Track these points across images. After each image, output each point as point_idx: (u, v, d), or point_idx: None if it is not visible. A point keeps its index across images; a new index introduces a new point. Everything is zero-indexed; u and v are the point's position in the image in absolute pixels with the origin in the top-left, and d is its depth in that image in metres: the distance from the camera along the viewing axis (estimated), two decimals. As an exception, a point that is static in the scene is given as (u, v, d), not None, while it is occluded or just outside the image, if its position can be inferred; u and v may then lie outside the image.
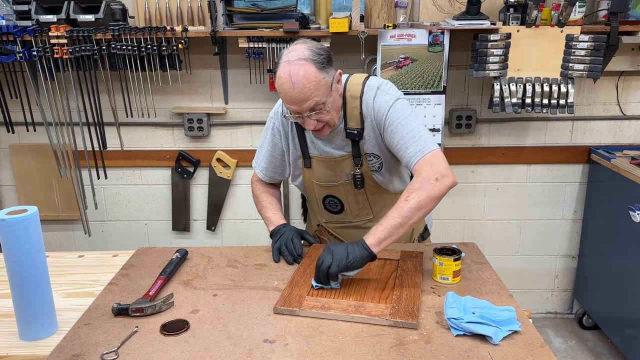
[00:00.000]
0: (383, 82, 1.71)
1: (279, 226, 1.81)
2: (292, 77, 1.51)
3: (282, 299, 1.43)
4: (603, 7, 2.61)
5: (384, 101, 1.65)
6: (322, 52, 1.56)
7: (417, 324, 1.33)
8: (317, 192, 1.86)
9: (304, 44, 1.57)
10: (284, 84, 1.53)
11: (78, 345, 1.28)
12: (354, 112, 1.67)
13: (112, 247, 3.16)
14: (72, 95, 2.81)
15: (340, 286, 1.50)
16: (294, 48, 1.56)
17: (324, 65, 1.55)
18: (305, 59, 1.52)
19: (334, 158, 1.75)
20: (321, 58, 1.54)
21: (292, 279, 1.55)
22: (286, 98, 1.56)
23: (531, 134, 2.97)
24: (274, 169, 1.88)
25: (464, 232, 3.12)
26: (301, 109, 1.56)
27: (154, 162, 3.05)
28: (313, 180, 1.82)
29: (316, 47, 1.56)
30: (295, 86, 1.51)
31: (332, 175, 1.79)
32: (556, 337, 3.07)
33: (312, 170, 1.80)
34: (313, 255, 1.70)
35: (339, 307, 1.39)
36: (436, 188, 1.51)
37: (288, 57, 1.54)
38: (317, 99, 1.54)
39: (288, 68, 1.52)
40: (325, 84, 1.55)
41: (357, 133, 1.69)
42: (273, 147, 1.84)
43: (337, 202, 1.85)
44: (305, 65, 1.51)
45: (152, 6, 2.72)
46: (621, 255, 2.69)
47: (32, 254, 1.33)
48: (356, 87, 1.68)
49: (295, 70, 1.51)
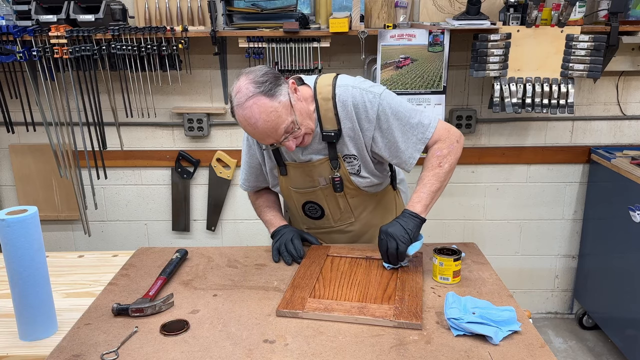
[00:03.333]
0: (353, 79, 1.68)
1: (280, 227, 1.80)
2: (249, 119, 1.49)
3: (284, 301, 1.42)
4: (603, 7, 2.61)
5: (368, 101, 1.61)
6: (265, 77, 1.51)
7: (421, 324, 1.33)
8: (295, 199, 1.82)
9: (245, 78, 1.51)
10: (246, 127, 1.52)
11: (78, 346, 1.28)
12: (329, 114, 1.63)
13: (112, 247, 3.16)
14: (72, 95, 2.81)
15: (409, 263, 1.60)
16: (238, 88, 1.51)
17: (273, 90, 1.50)
18: (253, 95, 1.47)
19: (311, 163, 1.71)
20: (267, 85, 1.49)
21: (293, 280, 1.54)
22: (256, 136, 1.55)
23: (531, 134, 2.97)
24: (254, 178, 1.86)
25: (464, 232, 3.12)
26: (274, 139, 1.54)
27: (154, 162, 3.05)
28: (290, 188, 1.79)
29: (258, 76, 1.51)
30: (257, 125, 1.49)
31: (310, 181, 1.75)
32: (556, 337, 3.07)
33: (288, 177, 1.77)
34: (313, 256, 1.69)
35: (342, 309, 1.38)
36: (459, 149, 1.68)
37: (238, 101, 1.49)
38: (284, 124, 1.52)
39: (242, 112, 1.49)
40: (283, 106, 1.51)
41: (334, 135, 1.65)
42: (250, 157, 1.82)
43: (317, 207, 1.82)
44: (257, 101, 1.47)
45: (152, 6, 2.72)
46: (621, 255, 2.69)
47: (32, 254, 1.33)
48: (327, 88, 1.64)
49: (250, 112, 1.48)
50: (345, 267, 1.63)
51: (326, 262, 1.66)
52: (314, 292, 1.48)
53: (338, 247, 1.78)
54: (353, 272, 1.60)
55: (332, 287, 1.51)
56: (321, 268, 1.62)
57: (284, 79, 1.56)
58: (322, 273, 1.59)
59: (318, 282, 1.53)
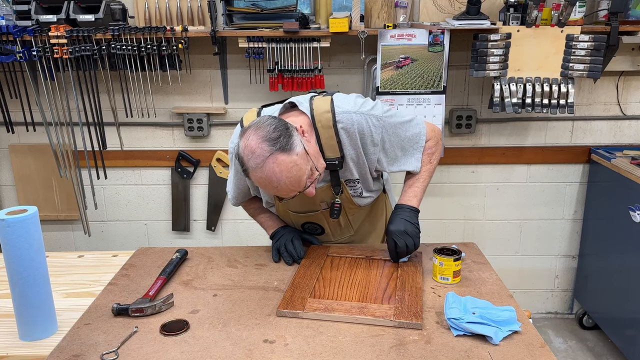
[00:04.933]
0: (352, 102, 1.60)
1: (279, 228, 1.79)
2: (272, 181, 1.40)
3: (285, 301, 1.42)
4: (603, 7, 2.61)
5: (373, 125, 1.58)
6: (277, 131, 1.40)
7: (421, 324, 1.33)
8: (294, 220, 1.79)
9: (255, 137, 1.39)
10: (267, 188, 1.44)
11: (78, 346, 1.28)
12: (330, 142, 1.57)
13: (112, 247, 3.16)
14: (72, 95, 2.81)
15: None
16: (251, 149, 1.39)
17: (289, 144, 1.40)
18: (271, 154, 1.37)
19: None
20: (282, 141, 1.39)
21: (292, 280, 1.54)
22: (279, 195, 1.51)
23: (531, 134, 2.97)
24: (242, 197, 1.82)
25: (464, 232, 3.12)
26: (299, 190, 1.47)
27: (154, 162, 3.05)
28: (289, 210, 1.74)
29: (269, 132, 1.39)
30: (280, 184, 1.41)
31: (311, 205, 1.70)
32: (556, 337, 3.07)
33: (286, 201, 1.70)
34: (313, 256, 1.69)
35: (342, 309, 1.38)
36: (441, 146, 1.79)
37: (254, 163, 1.39)
38: (305, 175, 1.44)
39: (262, 175, 1.39)
40: (301, 157, 1.42)
41: (338, 163, 1.59)
42: (239, 180, 1.74)
43: (316, 226, 1.79)
44: (275, 160, 1.38)
45: (152, 6, 2.72)
46: (621, 255, 2.69)
47: (32, 254, 1.33)
48: (325, 115, 1.55)
49: (271, 173, 1.38)
50: (345, 267, 1.64)
51: (326, 262, 1.66)
52: (314, 292, 1.48)
53: (338, 247, 1.78)
54: (353, 272, 1.60)
55: (332, 287, 1.51)
56: (321, 268, 1.62)
57: (292, 127, 1.46)
58: (322, 273, 1.59)
59: (318, 282, 1.53)
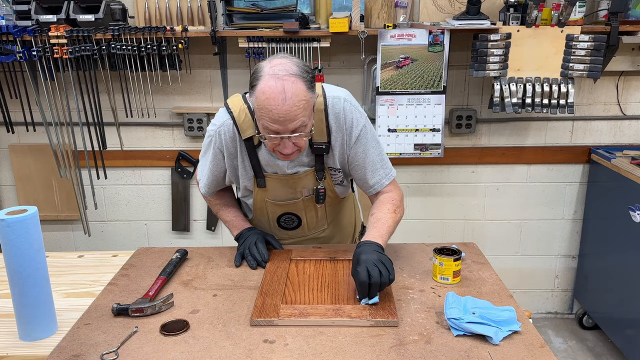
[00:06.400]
0: (343, 91, 1.63)
1: (243, 230, 1.76)
2: (282, 92, 1.37)
3: (257, 309, 1.38)
4: (603, 7, 2.61)
5: (356, 119, 1.59)
6: (309, 69, 1.45)
7: (397, 321, 1.33)
8: (271, 211, 1.76)
9: (288, 59, 1.43)
10: (272, 99, 1.38)
11: (78, 346, 1.28)
12: (320, 126, 1.57)
13: (112, 247, 3.16)
14: (72, 95, 2.81)
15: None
16: (278, 62, 1.42)
17: (312, 85, 1.44)
18: (295, 75, 1.40)
19: (296, 175, 1.65)
20: (309, 76, 1.43)
21: (261, 288, 1.50)
22: (271, 115, 1.40)
23: (531, 134, 2.97)
24: (216, 185, 1.77)
25: (464, 232, 3.12)
26: (284, 130, 1.42)
27: (154, 162, 3.05)
28: (267, 199, 1.72)
29: (302, 63, 1.45)
30: (286, 103, 1.38)
31: (292, 193, 1.69)
32: (556, 337, 3.07)
33: (266, 190, 1.68)
34: (276, 261, 1.66)
35: (317, 313, 1.37)
36: (403, 210, 1.69)
37: (275, 71, 1.39)
38: (304, 119, 1.42)
39: (278, 83, 1.38)
40: (311, 104, 1.45)
41: (325, 147, 1.60)
42: (215, 166, 1.70)
43: (294, 218, 1.76)
44: (296, 81, 1.39)
45: (152, 6, 2.72)
46: (621, 255, 2.69)
47: (32, 254, 1.33)
48: (319, 99, 1.57)
49: (287, 86, 1.37)
50: (311, 269, 1.62)
51: (291, 266, 1.64)
52: (284, 298, 1.45)
53: (300, 250, 1.76)
54: (320, 274, 1.59)
55: (302, 291, 1.49)
56: (287, 273, 1.59)
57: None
58: (289, 278, 1.57)
59: (287, 288, 1.51)
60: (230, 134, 1.61)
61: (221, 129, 1.62)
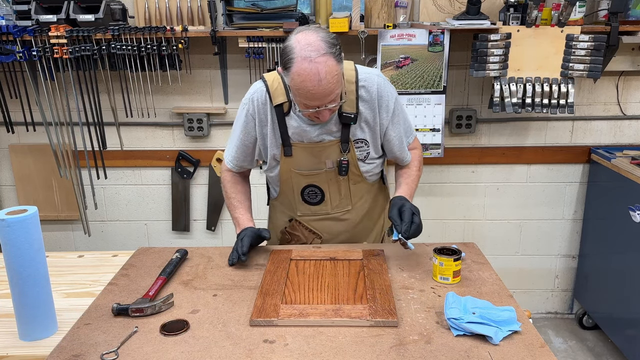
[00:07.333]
0: (374, 69, 1.77)
1: (243, 229, 1.76)
2: (317, 74, 1.46)
3: (257, 310, 1.38)
4: (603, 7, 2.61)
5: (390, 93, 1.73)
6: (335, 40, 1.52)
7: (397, 321, 1.33)
8: (295, 183, 1.80)
9: (315, 34, 1.50)
10: (308, 81, 1.47)
11: (78, 346, 1.28)
12: (350, 96, 1.67)
13: (112, 247, 3.16)
14: (72, 95, 2.81)
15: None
16: (308, 40, 1.48)
17: (339, 56, 1.52)
18: (326, 54, 1.47)
19: (321, 144, 1.72)
20: (336, 49, 1.51)
21: (261, 288, 1.50)
22: (308, 95, 1.51)
23: (531, 134, 2.97)
24: (243, 157, 1.83)
25: (464, 232, 3.12)
26: (321, 104, 1.53)
27: (154, 162, 3.05)
28: (293, 170, 1.77)
29: (329, 37, 1.51)
30: (322, 83, 1.47)
31: (317, 163, 1.75)
32: (556, 337, 3.07)
33: (292, 158, 1.74)
34: (276, 261, 1.66)
35: (317, 313, 1.37)
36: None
37: (306, 53, 1.47)
38: (338, 91, 1.54)
39: (310, 66, 1.46)
40: (341, 73, 1.55)
41: (353, 117, 1.68)
42: (246, 135, 1.77)
43: (317, 192, 1.81)
44: (328, 60, 1.47)
45: (152, 6, 2.72)
46: (621, 255, 2.69)
47: (32, 254, 1.33)
48: (349, 72, 1.68)
49: (321, 68, 1.46)
50: (311, 269, 1.62)
51: (291, 266, 1.64)
52: (284, 297, 1.45)
53: (300, 250, 1.75)
54: (320, 274, 1.59)
55: (302, 291, 1.49)
56: (287, 273, 1.59)
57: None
58: (289, 278, 1.56)
59: (287, 288, 1.50)
60: (262, 100, 1.71)
61: (254, 95, 1.73)
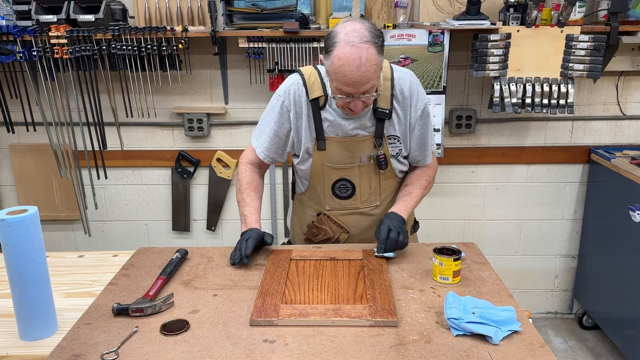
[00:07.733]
0: (409, 70, 1.79)
1: (247, 230, 1.75)
2: (358, 59, 1.47)
3: (257, 309, 1.38)
4: (603, 7, 2.61)
5: (422, 94, 1.77)
6: (379, 34, 1.54)
7: (397, 321, 1.33)
8: (327, 176, 1.80)
9: (361, 24, 1.52)
10: (347, 65, 1.49)
11: (78, 345, 1.28)
12: (385, 93, 1.70)
13: (112, 247, 3.16)
14: (72, 95, 2.81)
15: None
16: (353, 27, 1.51)
17: (381, 48, 1.54)
18: (368, 42, 1.49)
19: (356, 138, 1.73)
20: (380, 40, 1.52)
21: (261, 288, 1.50)
22: (345, 80, 1.52)
23: (531, 134, 2.97)
24: (275, 149, 1.81)
25: (464, 232, 3.12)
26: (356, 91, 1.54)
27: (154, 162, 3.05)
28: (326, 163, 1.77)
29: (374, 29, 1.53)
30: (360, 69, 1.49)
31: (350, 157, 1.76)
32: (556, 337, 3.07)
33: (325, 152, 1.75)
34: (276, 261, 1.66)
35: (317, 313, 1.36)
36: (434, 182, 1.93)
37: (350, 39, 1.49)
38: (374, 81, 1.55)
39: (354, 50, 1.48)
40: (380, 66, 1.56)
41: (388, 112, 1.71)
42: (279, 127, 1.76)
43: (348, 186, 1.81)
44: (370, 48, 1.49)
45: (152, 6, 2.72)
46: (621, 255, 2.69)
47: (32, 254, 1.33)
48: (386, 69, 1.70)
49: (363, 53, 1.48)
50: (311, 269, 1.62)
51: (291, 266, 1.63)
52: (284, 297, 1.45)
53: (300, 250, 1.75)
54: (320, 274, 1.58)
55: (302, 291, 1.49)
56: (287, 273, 1.59)
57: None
58: (289, 278, 1.56)
59: (287, 287, 1.50)
60: (299, 93, 1.73)
61: (291, 87, 1.74)
